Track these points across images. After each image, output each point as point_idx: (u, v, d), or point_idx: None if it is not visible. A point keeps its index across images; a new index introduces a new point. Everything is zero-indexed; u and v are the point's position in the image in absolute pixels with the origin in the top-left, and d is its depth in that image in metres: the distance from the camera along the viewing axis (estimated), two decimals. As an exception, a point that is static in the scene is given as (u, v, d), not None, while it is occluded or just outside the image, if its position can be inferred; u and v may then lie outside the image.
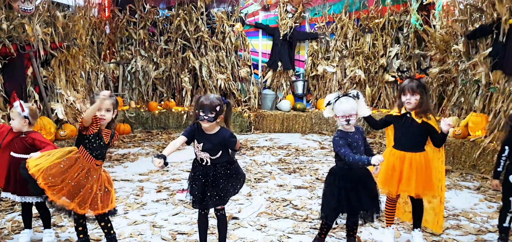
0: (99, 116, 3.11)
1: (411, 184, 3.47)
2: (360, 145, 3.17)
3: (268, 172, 5.95)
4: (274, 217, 4.28)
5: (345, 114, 3.10)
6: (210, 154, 3.11)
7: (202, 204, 3.18)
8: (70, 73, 6.62)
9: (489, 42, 6.42)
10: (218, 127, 3.17)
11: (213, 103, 3.04)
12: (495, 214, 4.41)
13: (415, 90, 3.43)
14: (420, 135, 3.50)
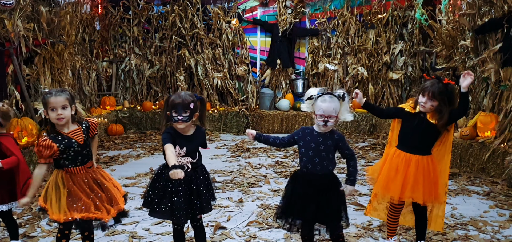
0: (55, 117, 2.78)
1: (418, 190, 3.11)
2: (322, 149, 2.82)
3: (263, 176, 5.60)
4: (265, 226, 3.93)
5: (324, 114, 2.76)
6: (192, 157, 2.82)
7: (188, 216, 2.86)
8: (56, 72, 6.30)
9: (499, 37, 6.03)
10: (194, 127, 2.86)
11: (186, 100, 2.73)
12: (508, 222, 4.04)
13: (435, 96, 3.01)
14: (430, 136, 3.14)
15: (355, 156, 2.95)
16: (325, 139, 2.85)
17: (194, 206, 2.83)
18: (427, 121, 3.08)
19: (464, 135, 5.92)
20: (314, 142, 2.85)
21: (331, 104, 2.79)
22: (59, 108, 2.78)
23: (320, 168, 2.83)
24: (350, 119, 2.93)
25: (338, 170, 5.94)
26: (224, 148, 7.37)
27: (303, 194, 2.87)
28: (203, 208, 2.87)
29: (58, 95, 2.80)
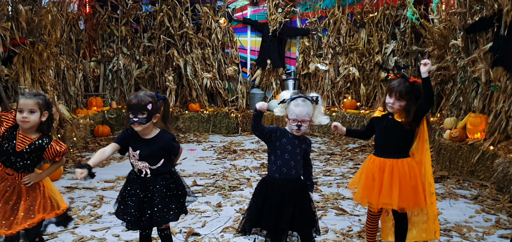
0: (20, 119, 2.65)
1: (393, 195, 2.97)
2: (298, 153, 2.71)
3: (246, 179, 5.47)
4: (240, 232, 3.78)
5: (297, 119, 2.63)
6: (150, 162, 2.66)
7: (139, 224, 2.71)
8: (37, 72, 6.17)
9: (489, 37, 5.89)
10: (157, 130, 2.71)
11: (142, 101, 2.59)
12: (493, 228, 3.90)
13: (403, 95, 2.91)
14: (404, 138, 3.02)
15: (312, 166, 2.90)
16: (300, 143, 2.74)
17: (147, 214, 2.67)
18: (395, 121, 2.97)
19: (453, 136, 5.78)
20: (290, 145, 2.72)
21: (304, 108, 2.68)
22: (26, 111, 2.66)
23: (294, 172, 2.71)
24: (325, 123, 2.80)
25: (324, 173, 5.81)
26: (211, 150, 7.24)
27: (278, 201, 2.72)
28: (152, 220, 2.67)
29: (29, 98, 2.69)
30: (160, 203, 2.65)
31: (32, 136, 2.73)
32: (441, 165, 5.89)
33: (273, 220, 2.72)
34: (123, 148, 2.69)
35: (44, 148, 2.73)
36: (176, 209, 2.76)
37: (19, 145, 2.69)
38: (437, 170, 5.82)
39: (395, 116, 2.98)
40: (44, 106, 2.74)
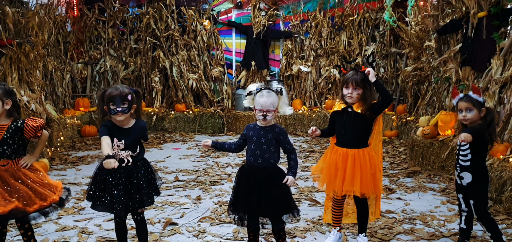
0: None
1: (355, 183, 3.20)
2: (263, 142, 2.90)
3: (227, 174, 5.67)
4: (216, 222, 4.00)
5: (262, 109, 2.85)
6: (132, 150, 2.86)
7: (128, 210, 2.91)
8: (24, 72, 6.33)
9: (459, 38, 6.19)
10: (133, 120, 2.92)
11: (123, 92, 2.80)
12: (454, 217, 4.14)
13: (358, 83, 3.17)
14: (363, 129, 3.25)
15: (295, 150, 3.04)
16: (266, 132, 2.93)
17: (134, 200, 2.88)
18: (354, 112, 3.19)
19: (425, 133, 6.03)
20: (256, 135, 2.93)
21: (268, 99, 2.87)
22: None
23: (261, 161, 2.90)
24: (289, 113, 3.02)
25: (302, 168, 6.03)
26: (195, 148, 7.43)
27: (246, 186, 2.95)
28: (143, 201, 2.91)
29: None
30: (146, 187, 2.89)
31: (5, 122, 2.91)
32: (414, 161, 6.14)
33: (243, 203, 2.95)
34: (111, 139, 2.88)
35: (21, 128, 2.91)
36: (153, 191, 2.98)
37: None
38: (410, 165, 6.07)
39: (354, 108, 3.21)
40: (4, 95, 2.91)
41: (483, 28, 5.58)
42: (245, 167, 3.02)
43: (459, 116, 3.24)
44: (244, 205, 2.96)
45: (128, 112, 2.83)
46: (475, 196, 3.16)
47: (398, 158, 6.57)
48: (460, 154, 3.19)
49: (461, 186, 3.27)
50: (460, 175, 3.21)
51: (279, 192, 2.95)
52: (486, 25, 5.54)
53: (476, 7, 5.67)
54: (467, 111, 3.16)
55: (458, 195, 3.34)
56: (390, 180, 5.42)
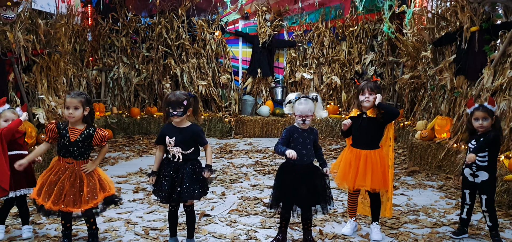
0: (67, 114, 3.33)
1: (366, 179, 3.72)
2: (307, 143, 3.44)
3: (243, 174, 6.18)
4: (244, 214, 4.51)
5: (302, 114, 3.39)
6: (182, 148, 3.33)
7: (170, 199, 3.39)
8: (52, 79, 6.79)
9: (453, 49, 6.77)
10: (189, 122, 3.42)
11: (180, 98, 3.30)
12: (452, 209, 4.70)
13: (373, 89, 3.72)
14: (375, 133, 3.77)
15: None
16: (308, 134, 3.48)
17: (176, 192, 3.34)
18: (368, 117, 3.72)
19: (423, 136, 6.60)
20: (301, 137, 3.46)
21: (306, 106, 3.42)
22: (71, 108, 3.34)
23: (306, 159, 3.45)
24: (325, 116, 3.62)
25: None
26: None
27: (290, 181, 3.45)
28: (183, 195, 3.32)
29: (74, 97, 3.35)
30: (188, 182, 3.33)
31: (80, 127, 3.41)
32: (413, 161, 6.71)
33: (286, 195, 3.46)
34: (160, 138, 3.39)
35: (92, 135, 3.38)
36: (200, 189, 3.43)
37: (72, 136, 3.35)
38: (409, 165, 6.64)
39: (368, 114, 3.74)
40: (85, 103, 3.41)
41: (475, 41, 6.17)
42: (286, 165, 3.52)
43: (475, 124, 3.69)
44: (291, 197, 3.46)
45: (184, 115, 3.33)
46: (488, 192, 3.68)
47: (398, 159, 7.13)
48: (479, 155, 3.64)
49: (472, 183, 3.74)
50: (476, 173, 3.67)
51: (321, 184, 3.51)
52: (478, 38, 6.14)
53: (469, 22, 6.27)
54: (484, 120, 3.66)
55: (465, 191, 3.81)
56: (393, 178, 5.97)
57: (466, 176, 3.78)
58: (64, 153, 3.34)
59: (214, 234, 3.96)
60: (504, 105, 5.37)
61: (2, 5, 5.69)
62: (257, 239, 3.83)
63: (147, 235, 3.93)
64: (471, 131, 3.82)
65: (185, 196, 3.36)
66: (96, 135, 3.39)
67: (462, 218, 3.90)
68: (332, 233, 3.99)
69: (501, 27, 5.91)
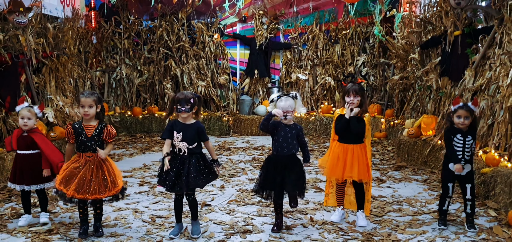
0: (82, 113, 3.75)
1: (354, 170, 4.13)
2: (289, 137, 3.88)
3: (241, 169, 6.58)
4: (242, 204, 4.92)
5: (283, 110, 3.80)
6: (188, 143, 3.74)
7: (174, 187, 3.79)
8: (60, 80, 7.17)
9: (439, 52, 7.18)
10: (193, 120, 3.82)
11: (187, 97, 3.72)
12: (433, 200, 5.11)
13: (358, 91, 4.12)
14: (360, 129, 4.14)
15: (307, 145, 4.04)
16: (290, 129, 3.90)
17: (182, 181, 3.74)
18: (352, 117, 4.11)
19: (410, 134, 7.00)
20: (283, 131, 3.89)
21: (287, 102, 3.87)
22: (86, 106, 3.74)
23: (287, 151, 3.89)
24: (304, 112, 4.05)
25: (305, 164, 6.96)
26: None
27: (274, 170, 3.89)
28: (189, 184, 3.74)
29: (88, 97, 3.76)
30: (194, 172, 3.75)
31: (94, 124, 3.81)
32: (400, 158, 7.11)
33: (272, 183, 3.89)
34: (171, 137, 3.78)
35: (104, 128, 3.81)
36: (204, 179, 3.85)
37: (88, 132, 3.77)
38: (397, 161, 7.05)
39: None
40: (98, 101, 3.83)
41: (458, 45, 6.60)
42: (272, 156, 3.97)
43: (457, 120, 4.10)
44: (272, 184, 3.90)
45: (190, 112, 3.74)
46: (472, 181, 4.15)
47: (387, 155, 7.54)
48: (466, 150, 4.08)
49: (458, 176, 4.14)
50: (463, 166, 4.07)
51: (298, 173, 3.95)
52: (461, 42, 6.56)
53: (452, 27, 6.69)
54: (465, 118, 4.09)
55: (449, 184, 4.21)
56: (381, 172, 6.38)
57: (452, 170, 4.14)
58: (84, 148, 3.75)
59: (214, 221, 4.36)
60: (483, 105, 5.78)
61: (15, 11, 6.08)
62: (254, 225, 4.23)
63: (154, 222, 4.33)
64: (451, 124, 4.22)
65: (193, 184, 3.78)
66: (105, 129, 3.81)
67: (444, 209, 4.27)
68: (322, 220, 4.40)
69: (481, 31, 6.34)
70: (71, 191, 3.67)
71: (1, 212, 4.55)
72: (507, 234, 4.02)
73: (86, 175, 3.74)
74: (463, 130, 4.11)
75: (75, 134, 3.76)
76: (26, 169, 4.07)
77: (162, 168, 3.86)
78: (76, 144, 3.80)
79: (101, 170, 3.78)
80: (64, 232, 4.03)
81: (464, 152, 4.11)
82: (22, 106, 4.11)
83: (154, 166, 6.68)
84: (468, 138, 4.10)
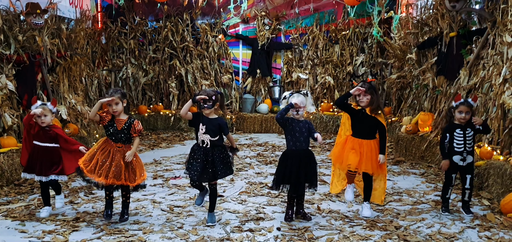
0: (111, 111, 4.06)
1: (369, 164, 4.39)
2: (304, 131, 4.19)
3: (248, 164, 6.90)
4: (252, 195, 5.24)
5: (297, 104, 4.13)
6: (211, 135, 4.05)
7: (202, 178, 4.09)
8: (72, 79, 7.45)
9: (435, 52, 7.54)
10: (216, 115, 4.14)
11: (209, 94, 4.02)
12: (431, 191, 5.47)
13: (367, 91, 4.33)
14: (373, 126, 4.42)
15: None
16: (303, 124, 4.22)
17: (208, 173, 4.08)
18: (366, 114, 4.38)
19: (408, 130, 7.36)
20: (298, 126, 4.20)
21: (298, 99, 4.20)
22: (113, 104, 4.06)
23: (305, 145, 4.21)
24: (313, 110, 4.38)
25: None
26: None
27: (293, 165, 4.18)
28: (216, 174, 4.09)
29: (113, 95, 4.06)
30: (220, 164, 4.08)
31: (123, 118, 4.13)
32: (399, 153, 7.47)
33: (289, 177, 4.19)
34: (194, 120, 4.07)
35: (130, 125, 4.12)
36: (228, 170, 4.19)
37: (118, 126, 4.09)
38: (396, 156, 7.40)
39: (367, 111, 4.41)
40: (122, 97, 4.14)
41: (453, 45, 6.95)
42: (288, 152, 4.27)
43: (459, 116, 4.44)
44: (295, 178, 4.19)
45: (212, 107, 4.05)
46: (472, 171, 4.52)
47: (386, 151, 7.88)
48: (467, 141, 4.43)
49: (460, 167, 4.48)
50: (465, 158, 4.44)
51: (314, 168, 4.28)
52: (456, 43, 6.92)
53: (448, 28, 7.05)
54: (466, 113, 4.43)
55: (452, 175, 4.54)
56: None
57: (456, 161, 4.49)
58: (115, 139, 4.07)
59: (228, 209, 4.69)
60: (477, 102, 6.13)
61: (33, 13, 6.36)
62: (265, 214, 4.56)
63: (172, 211, 4.65)
64: (450, 120, 4.55)
65: (219, 175, 4.12)
66: (133, 125, 4.12)
67: (446, 197, 4.63)
68: (328, 209, 4.74)
69: (475, 33, 6.70)
70: (102, 178, 3.98)
71: (27, 203, 4.84)
72: (499, 220, 4.37)
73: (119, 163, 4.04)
74: (462, 125, 4.44)
75: (108, 123, 4.07)
76: (45, 160, 4.33)
77: (188, 159, 4.16)
78: (107, 132, 4.11)
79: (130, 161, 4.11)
80: (90, 220, 4.33)
81: (465, 144, 4.45)
82: (36, 105, 4.33)
83: (164, 161, 6.98)
84: (468, 130, 4.45)
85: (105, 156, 4.05)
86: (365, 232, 4.12)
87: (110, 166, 4.03)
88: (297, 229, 4.16)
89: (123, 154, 4.10)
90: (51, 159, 4.36)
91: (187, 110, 4.01)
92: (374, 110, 4.37)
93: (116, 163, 4.04)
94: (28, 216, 4.41)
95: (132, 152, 4.12)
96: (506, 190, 4.76)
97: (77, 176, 4.25)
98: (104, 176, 4.00)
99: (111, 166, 4.03)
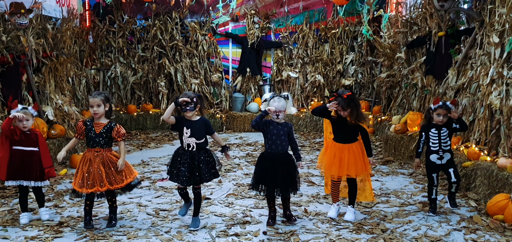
0: (92, 112, 4.00)
1: (351, 167, 4.38)
2: (282, 134, 4.15)
3: (236, 164, 6.86)
4: (239, 197, 5.20)
5: (276, 110, 4.09)
6: (196, 138, 4.01)
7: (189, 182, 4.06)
8: (59, 79, 7.35)
9: (424, 51, 7.54)
10: (198, 116, 4.10)
11: (190, 97, 3.98)
12: (419, 192, 5.46)
13: (345, 108, 4.24)
14: (354, 131, 4.41)
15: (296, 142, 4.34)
16: (282, 127, 4.18)
17: (195, 176, 4.04)
18: (346, 120, 4.35)
19: (397, 130, 7.35)
20: (276, 129, 4.16)
21: (279, 103, 4.16)
22: (95, 106, 3.99)
23: (280, 148, 4.17)
24: (294, 112, 4.35)
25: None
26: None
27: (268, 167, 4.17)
28: (202, 178, 4.07)
29: (95, 97, 4.01)
30: (205, 167, 4.05)
31: (103, 122, 4.07)
32: (388, 152, 7.46)
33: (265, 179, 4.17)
34: (177, 125, 4.03)
35: (112, 128, 4.07)
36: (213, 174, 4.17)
37: (97, 129, 4.02)
38: (385, 156, 7.40)
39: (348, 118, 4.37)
40: (105, 100, 4.07)
41: (442, 45, 6.96)
42: (265, 154, 4.25)
43: (436, 118, 4.53)
44: (270, 180, 4.17)
45: (194, 110, 4.01)
46: (454, 165, 4.61)
47: (375, 150, 7.88)
48: (442, 141, 4.52)
49: (439, 165, 4.56)
50: (442, 156, 4.52)
51: (292, 171, 4.22)
52: (445, 42, 6.92)
53: (436, 28, 7.05)
54: (444, 116, 4.51)
55: (433, 175, 4.59)
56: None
57: (433, 161, 4.58)
58: (92, 144, 4.00)
59: (215, 213, 4.65)
60: (466, 102, 6.14)
61: (17, 13, 6.26)
62: (252, 217, 4.53)
63: (158, 215, 4.60)
64: (428, 120, 4.60)
65: (206, 178, 4.11)
66: (115, 128, 4.07)
67: (433, 198, 4.64)
68: (315, 211, 4.71)
69: (464, 32, 6.71)
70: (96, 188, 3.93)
71: (11, 207, 4.76)
72: (486, 222, 4.37)
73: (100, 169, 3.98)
74: (437, 124, 4.50)
75: (85, 131, 4.01)
76: (26, 164, 4.24)
77: (171, 164, 4.12)
78: (86, 140, 4.04)
79: (112, 163, 4.04)
80: (73, 225, 4.27)
81: (440, 143, 4.54)
82: (16, 109, 4.23)
83: (152, 162, 6.92)
84: (443, 130, 4.56)
85: (87, 165, 3.99)
86: (351, 235, 4.10)
87: (94, 173, 3.98)
88: (283, 232, 4.13)
89: (103, 159, 4.03)
90: (33, 163, 4.29)
91: (170, 114, 3.97)
92: (356, 120, 4.34)
93: (96, 169, 3.98)
94: (10, 221, 4.34)
95: (122, 159, 4.07)
96: (493, 191, 4.77)
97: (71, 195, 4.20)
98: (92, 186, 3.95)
99: (95, 173, 3.98)
